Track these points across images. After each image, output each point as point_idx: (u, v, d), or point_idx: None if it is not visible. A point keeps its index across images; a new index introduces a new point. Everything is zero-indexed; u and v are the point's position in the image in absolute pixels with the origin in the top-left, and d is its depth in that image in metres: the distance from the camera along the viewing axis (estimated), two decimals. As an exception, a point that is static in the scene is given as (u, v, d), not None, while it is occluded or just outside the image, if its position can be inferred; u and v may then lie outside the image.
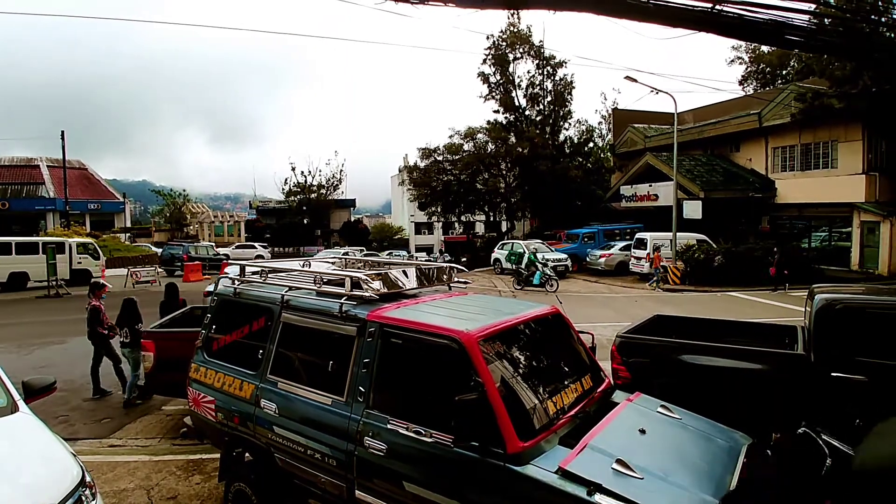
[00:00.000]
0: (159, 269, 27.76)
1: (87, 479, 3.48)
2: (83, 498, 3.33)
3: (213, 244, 41.90)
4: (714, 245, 22.48)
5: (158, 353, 6.38)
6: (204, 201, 70.35)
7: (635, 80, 21.60)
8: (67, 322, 14.93)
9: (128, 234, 39.57)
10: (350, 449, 3.54)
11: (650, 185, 28.12)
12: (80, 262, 25.29)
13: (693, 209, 23.53)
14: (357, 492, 3.53)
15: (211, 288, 4.92)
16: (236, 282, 4.86)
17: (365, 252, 37.22)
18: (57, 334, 13.18)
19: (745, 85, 40.00)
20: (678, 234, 22.31)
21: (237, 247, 43.43)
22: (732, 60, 40.31)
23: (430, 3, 4.22)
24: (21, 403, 4.05)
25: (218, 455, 5.18)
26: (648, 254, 22.96)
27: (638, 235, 25.04)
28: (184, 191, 52.13)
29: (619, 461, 2.86)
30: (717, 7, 4.98)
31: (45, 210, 47.25)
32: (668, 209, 23.15)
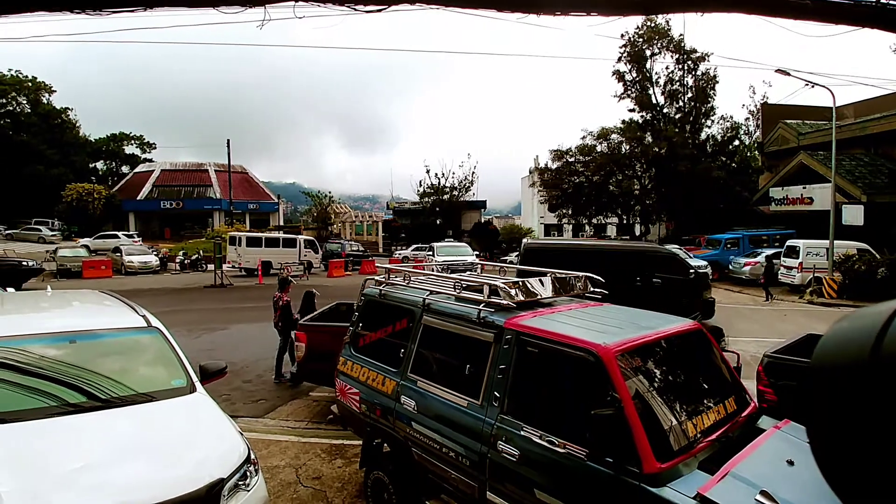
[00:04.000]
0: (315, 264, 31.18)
1: (252, 456, 3.89)
2: (248, 473, 3.74)
3: (351, 242, 45.09)
4: (877, 255, 19.80)
5: (309, 344, 7.01)
6: (345, 202, 75.27)
7: (788, 74, 19.63)
8: (230, 310, 16.83)
9: (281, 232, 43.78)
10: (483, 451, 3.66)
11: (804, 188, 25.38)
12: (305, 255, 30.36)
13: (853, 214, 20.89)
14: (488, 493, 3.64)
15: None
16: (382, 284, 5.23)
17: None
18: (221, 321, 14.87)
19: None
20: (836, 242, 19.96)
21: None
22: (899, 47, 35.09)
23: (572, 13, 4.22)
24: (198, 384, 4.60)
25: (357, 442, 5.62)
26: (801, 263, 20.77)
27: (789, 243, 22.70)
28: (329, 192, 56.23)
29: (763, 493, 2.70)
30: (883, 0, 4.43)
31: (212, 209, 53.66)
32: (825, 214, 20.77)
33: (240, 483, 3.62)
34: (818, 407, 0.85)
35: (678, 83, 37.16)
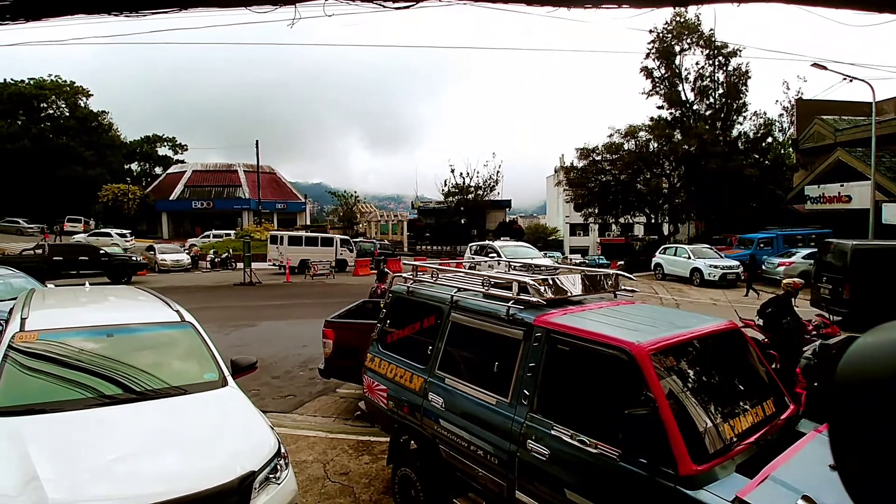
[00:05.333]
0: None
1: (282, 450, 3.91)
2: (278, 466, 3.76)
3: (385, 241, 46.26)
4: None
5: (336, 341, 7.05)
6: (371, 201, 76.13)
7: (825, 68, 19.06)
8: (260, 307, 17.09)
9: (308, 231, 44.68)
10: (512, 450, 3.62)
11: (841, 185, 24.58)
12: (341, 254, 31.79)
13: (894, 213, 20.22)
14: (517, 492, 3.59)
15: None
16: (410, 281, 5.22)
17: None
18: (250, 318, 15.10)
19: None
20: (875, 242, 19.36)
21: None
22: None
23: (604, 6, 4.13)
24: (230, 379, 4.65)
25: (384, 439, 5.62)
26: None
27: (826, 242, 22.08)
28: (355, 192, 56.90)
29: (805, 498, 2.60)
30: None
31: (241, 209, 54.69)
32: (864, 213, 20.18)
33: (270, 476, 3.65)
34: (842, 418, 0.83)
35: (708, 79, 36.37)
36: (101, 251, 23.73)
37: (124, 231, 42.42)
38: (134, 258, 25.63)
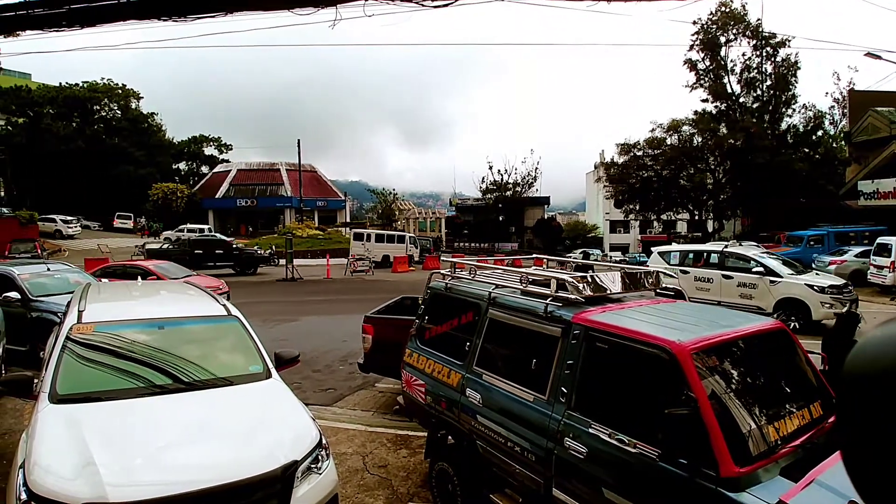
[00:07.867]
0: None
1: (324, 441, 4.00)
2: (320, 457, 3.85)
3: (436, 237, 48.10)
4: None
5: (376, 336, 7.15)
6: (409, 199, 76.62)
7: (878, 57, 18.15)
8: (301, 303, 17.47)
9: (347, 228, 45.48)
10: (549, 447, 3.62)
11: (897, 180, 23.49)
12: (410, 250, 35.15)
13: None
14: (554, 490, 3.59)
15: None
16: (448, 278, 5.26)
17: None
18: (292, 313, 15.45)
19: None
20: None
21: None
22: None
23: None
24: (273, 371, 4.77)
25: (422, 433, 5.68)
26: (893, 262, 19.15)
27: (880, 240, 20.98)
28: (393, 190, 57.34)
29: (852, 503, 2.52)
30: None
31: (283, 207, 55.91)
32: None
33: (312, 466, 3.74)
34: (850, 414, 0.83)
35: (756, 71, 35.26)
36: (234, 245, 26.42)
37: (68, 217, 42.36)
38: (259, 252, 28.62)
